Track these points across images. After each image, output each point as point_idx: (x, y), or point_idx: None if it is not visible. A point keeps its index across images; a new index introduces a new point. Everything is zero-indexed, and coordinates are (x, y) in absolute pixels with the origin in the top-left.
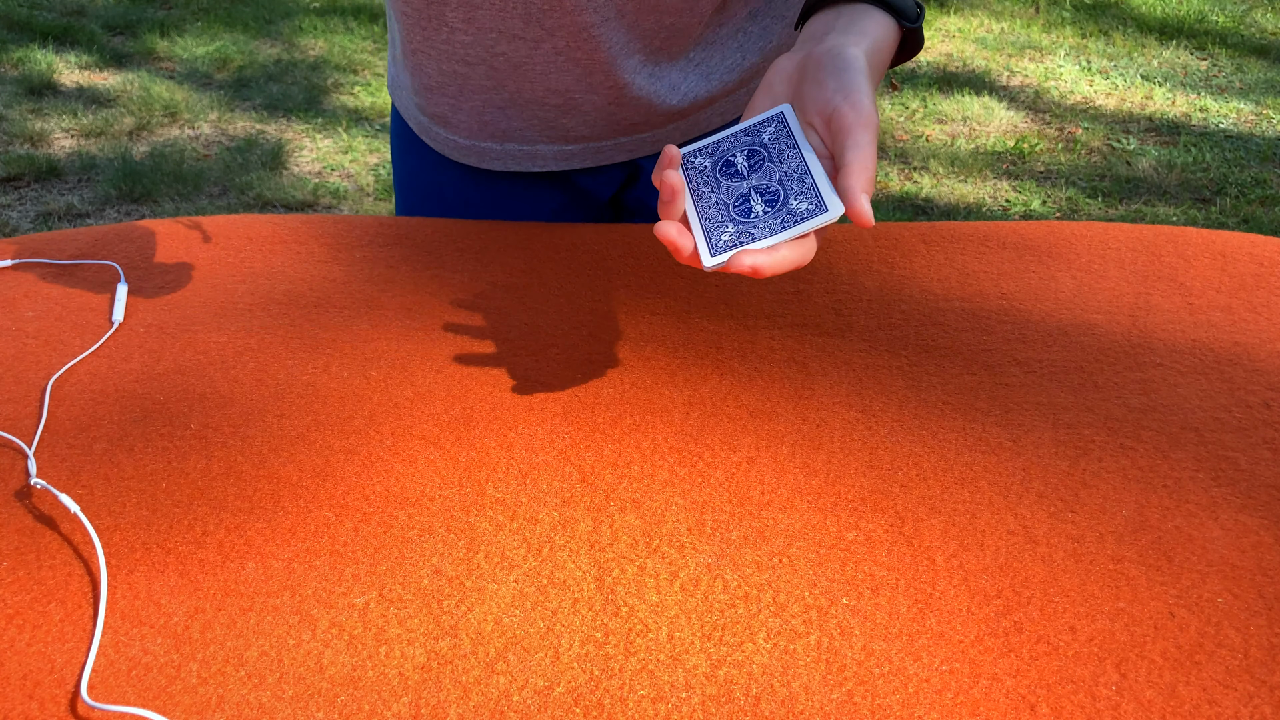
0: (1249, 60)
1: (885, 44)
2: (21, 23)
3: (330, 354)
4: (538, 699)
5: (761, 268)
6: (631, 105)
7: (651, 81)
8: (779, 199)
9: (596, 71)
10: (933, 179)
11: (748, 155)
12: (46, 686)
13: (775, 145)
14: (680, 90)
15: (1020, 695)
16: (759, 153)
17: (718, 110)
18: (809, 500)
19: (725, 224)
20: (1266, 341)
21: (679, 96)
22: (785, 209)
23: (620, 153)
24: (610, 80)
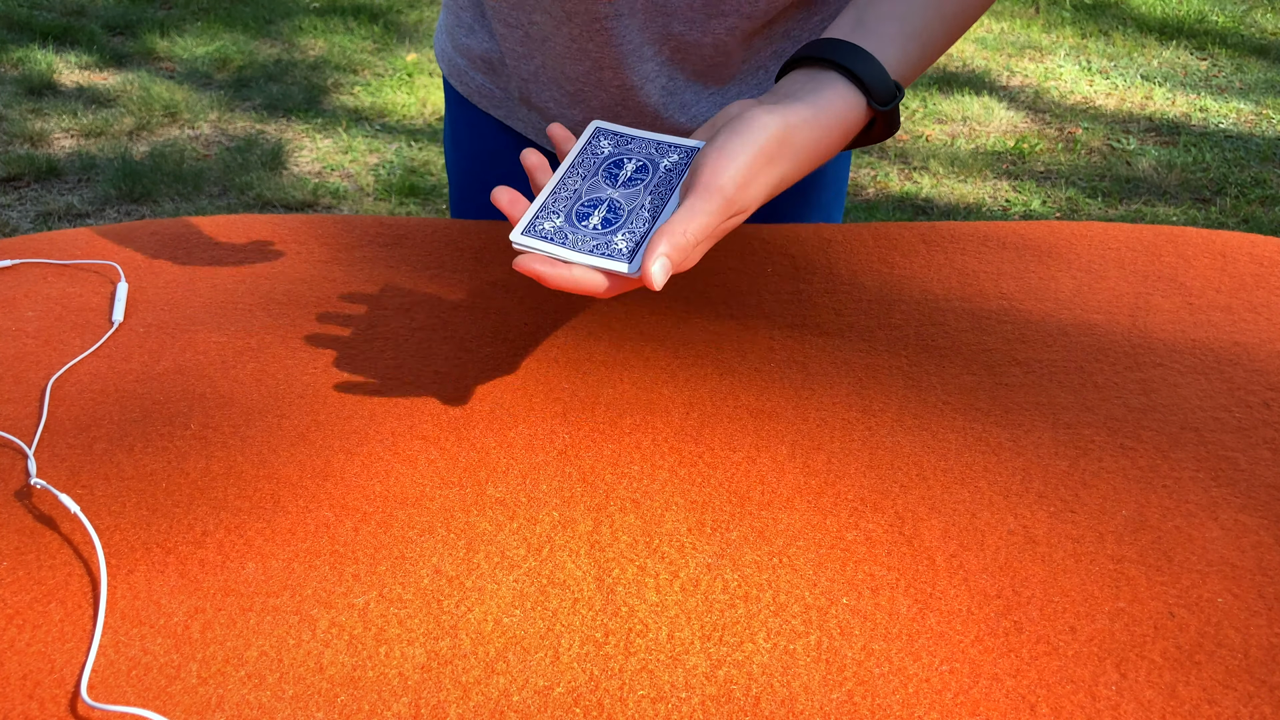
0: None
1: (838, 119)
2: (21, 23)
3: (330, 354)
4: (538, 699)
5: (544, 277)
6: (637, 111)
7: (663, 95)
8: (615, 223)
9: (606, 68)
10: (933, 179)
11: (638, 168)
12: (46, 686)
13: (665, 174)
14: (690, 111)
15: (1020, 695)
16: (647, 171)
17: None
18: (809, 500)
19: (559, 214)
20: (1266, 341)
21: (688, 117)
22: (608, 237)
23: None
24: (619, 79)
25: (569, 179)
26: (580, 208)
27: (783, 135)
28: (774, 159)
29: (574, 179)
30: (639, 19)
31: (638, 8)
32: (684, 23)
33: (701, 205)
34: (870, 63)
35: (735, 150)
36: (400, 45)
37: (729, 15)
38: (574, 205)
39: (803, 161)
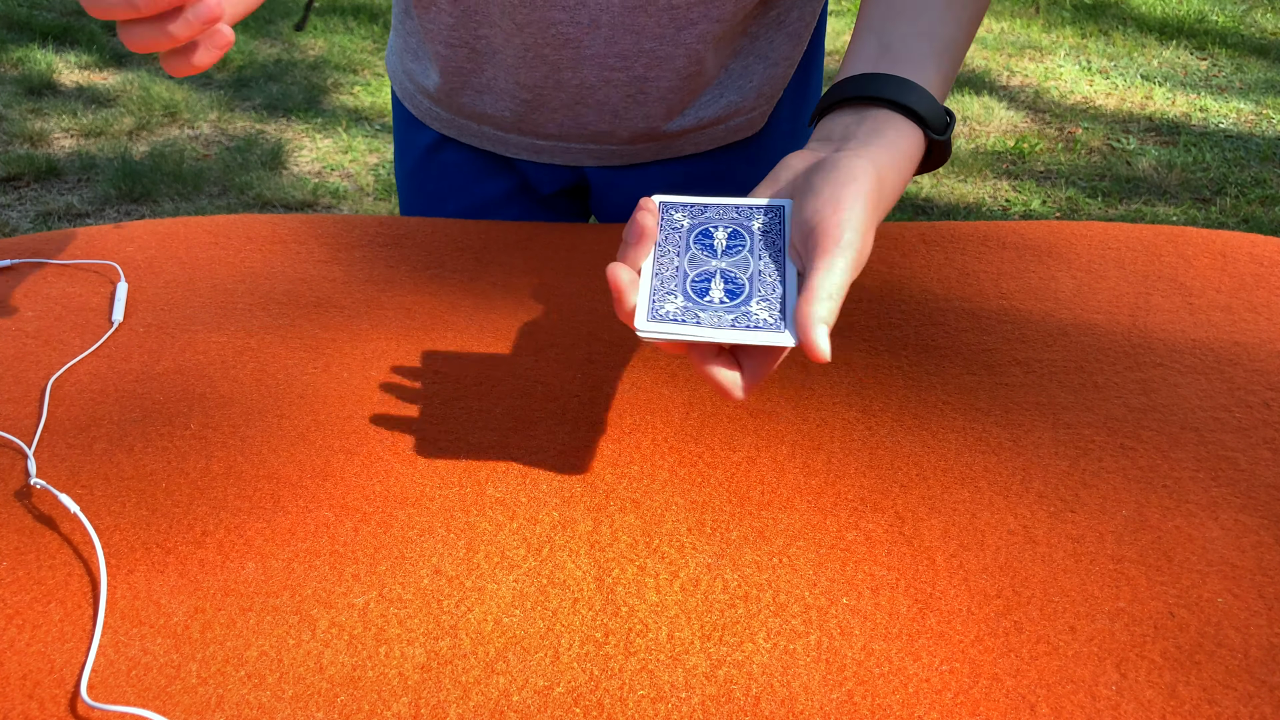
0: (1249, 60)
1: (908, 157)
2: (21, 23)
3: (330, 354)
4: (538, 699)
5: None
6: (598, 109)
7: (627, 102)
8: (741, 294)
9: (565, 69)
10: (933, 179)
11: (730, 234)
12: (46, 686)
13: (763, 237)
14: (653, 119)
15: (1020, 695)
16: (741, 237)
17: (691, 140)
18: (809, 500)
19: (676, 294)
20: (1266, 341)
21: (649, 124)
22: (743, 308)
23: (587, 157)
24: (579, 78)
25: (664, 259)
26: (694, 284)
27: (879, 179)
28: (878, 205)
29: (669, 258)
30: (603, 33)
31: (601, 23)
32: (654, 39)
33: (838, 263)
34: (919, 93)
35: (848, 200)
36: None
37: (698, 23)
38: (685, 282)
39: (890, 204)
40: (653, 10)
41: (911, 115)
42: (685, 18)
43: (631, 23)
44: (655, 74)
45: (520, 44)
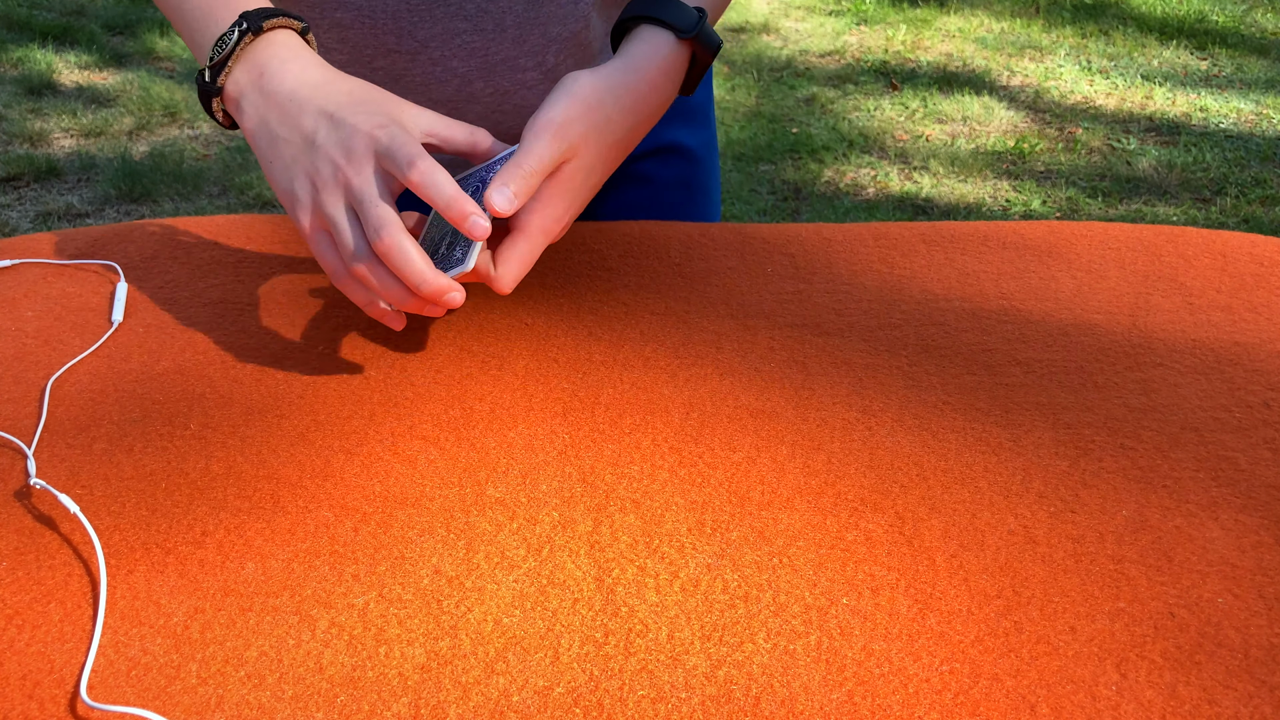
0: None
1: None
2: (21, 23)
3: (330, 354)
4: (538, 699)
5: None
6: (515, 114)
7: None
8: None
9: (475, 80)
10: (933, 179)
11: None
12: (46, 686)
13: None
14: None
15: (1020, 695)
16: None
17: None
18: (809, 500)
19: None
20: (1266, 341)
21: None
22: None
23: None
24: (492, 86)
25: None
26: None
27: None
28: (590, 103)
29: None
30: (510, 34)
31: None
32: (559, 23)
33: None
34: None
35: (549, 101)
36: None
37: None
38: (435, 250)
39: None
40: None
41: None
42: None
43: (536, 16)
44: (564, 58)
45: (425, 60)
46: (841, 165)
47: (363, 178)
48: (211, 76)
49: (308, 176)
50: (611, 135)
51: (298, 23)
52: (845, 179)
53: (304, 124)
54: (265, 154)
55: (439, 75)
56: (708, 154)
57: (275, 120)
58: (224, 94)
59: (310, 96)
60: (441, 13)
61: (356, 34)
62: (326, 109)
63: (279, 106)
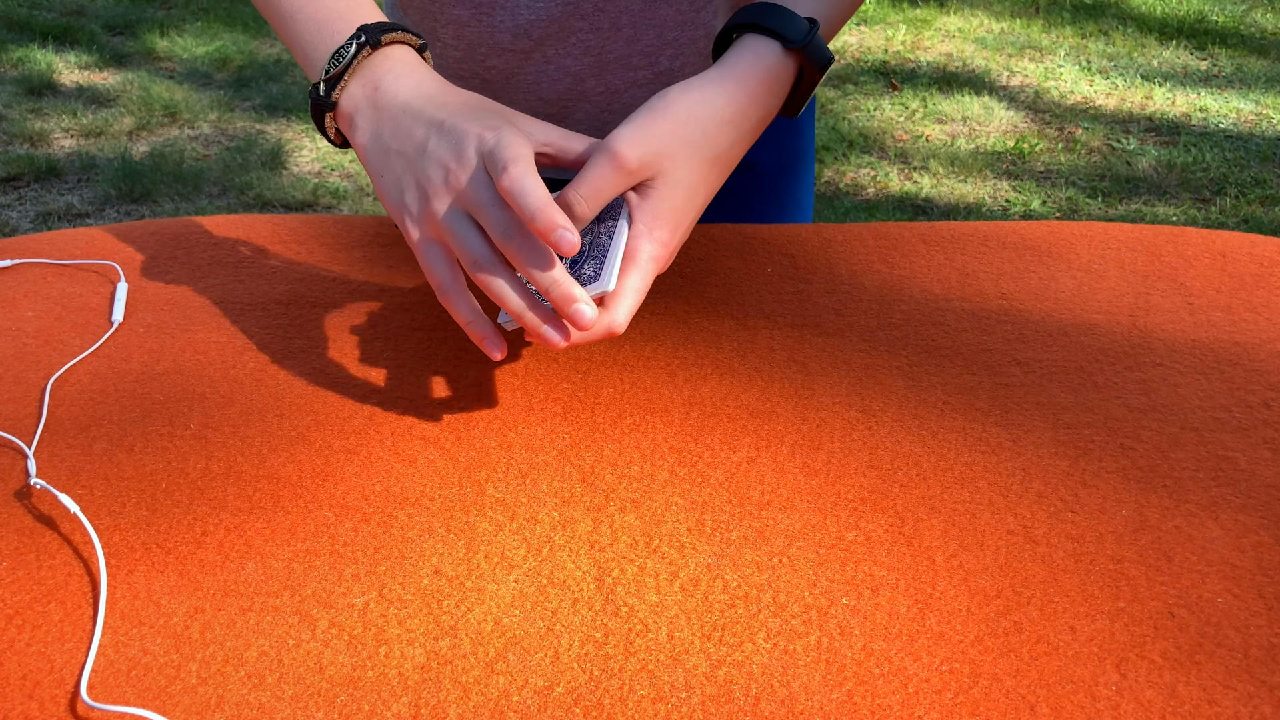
0: (1249, 60)
1: (753, 72)
2: (21, 23)
3: (330, 354)
4: (538, 699)
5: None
6: (624, 114)
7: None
8: (581, 259)
9: (587, 78)
10: (933, 179)
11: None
12: (46, 686)
13: (610, 206)
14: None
15: (1020, 695)
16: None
17: None
18: (809, 500)
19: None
20: (1266, 341)
21: None
22: (578, 272)
23: None
24: (603, 84)
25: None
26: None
27: (687, 94)
28: (680, 117)
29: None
30: (624, 34)
31: (622, 24)
32: (675, 28)
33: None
34: (777, 13)
35: (632, 117)
36: None
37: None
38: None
39: (727, 117)
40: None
41: (764, 32)
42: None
43: (653, 17)
44: (680, 64)
45: (539, 58)
46: (841, 165)
47: (477, 180)
48: (326, 91)
49: (418, 185)
50: (710, 150)
51: (415, 38)
52: (845, 179)
53: (416, 134)
54: (376, 168)
55: (551, 73)
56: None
57: (388, 133)
58: (338, 109)
59: (423, 107)
60: (559, 10)
61: (473, 31)
62: (438, 117)
63: (392, 119)
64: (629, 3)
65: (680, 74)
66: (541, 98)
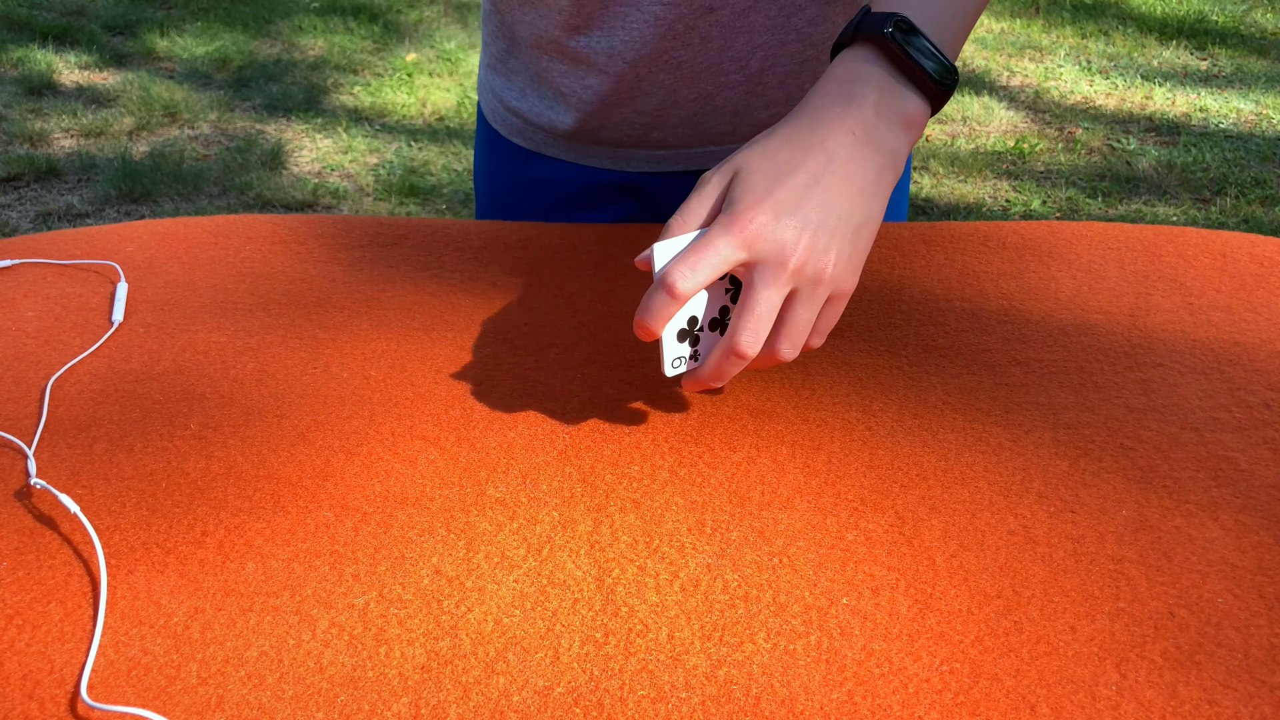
0: (1249, 60)
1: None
2: (21, 23)
3: (330, 354)
4: (538, 699)
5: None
6: (716, 115)
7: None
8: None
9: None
10: (933, 179)
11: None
12: (46, 686)
13: None
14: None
15: (1020, 695)
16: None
17: None
18: (809, 500)
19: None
20: (1266, 341)
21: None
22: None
23: (709, 160)
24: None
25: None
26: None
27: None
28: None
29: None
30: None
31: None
32: (765, 32)
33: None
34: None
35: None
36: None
37: (806, 8)
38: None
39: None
40: (762, 5)
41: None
42: (793, 4)
43: (743, 24)
44: (770, 63)
45: (632, 77)
46: None
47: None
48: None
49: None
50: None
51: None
52: None
53: None
54: None
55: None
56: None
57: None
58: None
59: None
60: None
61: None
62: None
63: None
64: (719, 16)
65: (771, 74)
66: (636, 109)
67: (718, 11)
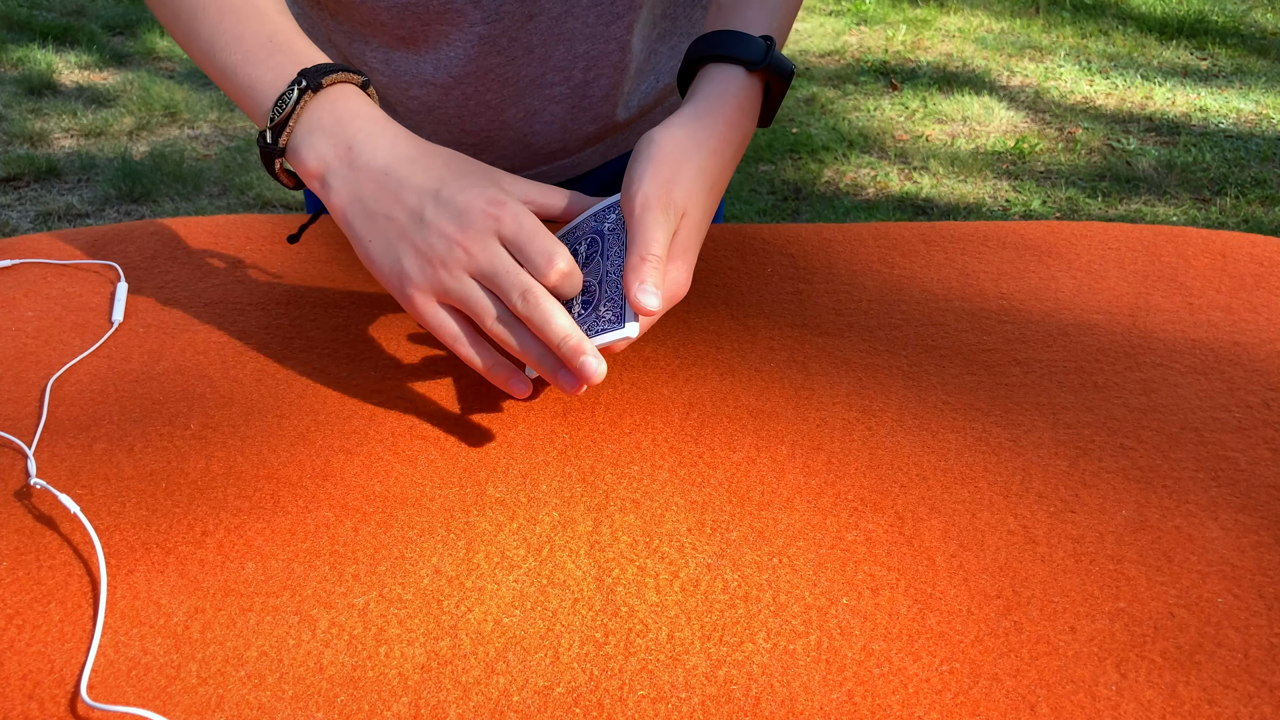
0: (1249, 60)
1: (726, 100)
2: (21, 23)
3: (330, 354)
4: (538, 699)
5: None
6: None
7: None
8: (593, 300)
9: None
10: (933, 179)
11: (589, 244)
12: (46, 686)
13: (612, 235)
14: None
15: (1020, 695)
16: (596, 243)
17: (635, 131)
18: (809, 500)
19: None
20: (1266, 341)
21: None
22: (595, 313)
23: (544, 180)
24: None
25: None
26: (573, 308)
27: (674, 136)
28: (678, 159)
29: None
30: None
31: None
32: (585, 40)
33: (645, 223)
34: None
35: (641, 169)
36: None
37: (624, 15)
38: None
39: (716, 149)
40: (578, 11)
41: (726, 60)
42: (611, 11)
43: (561, 30)
44: (593, 74)
45: (459, 95)
46: (841, 165)
47: (489, 251)
48: (273, 138)
49: (419, 253)
50: (707, 181)
51: (356, 75)
52: (845, 179)
53: (407, 200)
54: (360, 232)
55: (472, 108)
56: None
57: (370, 197)
58: (305, 168)
59: (409, 173)
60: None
61: (399, 61)
62: (430, 186)
63: (374, 182)
64: (537, 24)
65: (595, 85)
66: (464, 129)
67: (536, 19)
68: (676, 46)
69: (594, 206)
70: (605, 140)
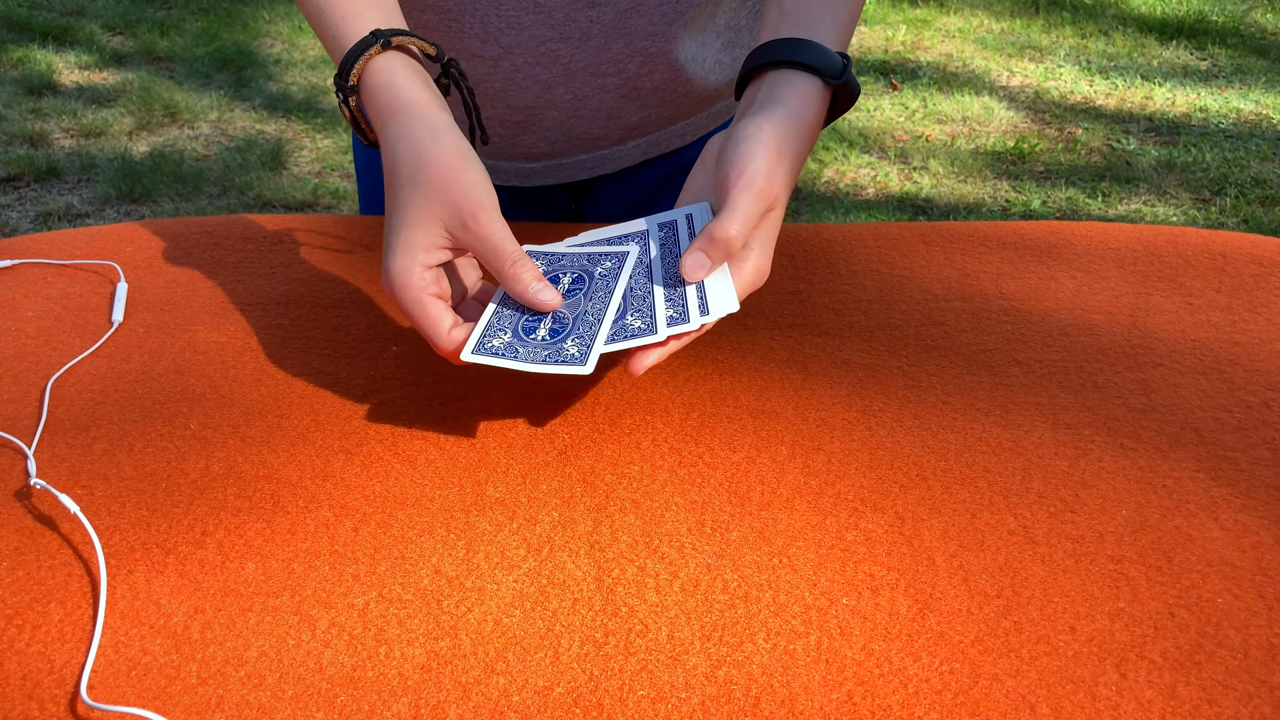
0: (1249, 60)
1: (808, 107)
2: (21, 23)
3: (330, 354)
4: (538, 699)
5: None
6: (590, 119)
7: (621, 104)
8: (562, 332)
9: (556, 86)
10: (933, 179)
11: (574, 279)
12: (46, 686)
13: (600, 280)
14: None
15: (1020, 695)
16: (582, 281)
17: (678, 131)
18: (809, 500)
19: (505, 331)
20: (1266, 341)
21: (643, 118)
22: (558, 345)
23: (581, 171)
24: (571, 93)
25: (509, 298)
26: (526, 322)
27: (776, 131)
28: (781, 153)
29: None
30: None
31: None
32: (645, 38)
33: (738, 201)
34: (811, 48)
35: (750, 150)
36: None
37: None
38: (519, 321)
39: (801, 151)
40: (645, 10)
41: (807, 69)
42: (674, 10)
43: (624, 26)
44: (646, 69)
45: (508, 66)
46: (841, 165)
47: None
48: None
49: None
50: (792, 181)
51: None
52: (845, 179)
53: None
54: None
55: (520, 81)
56: None
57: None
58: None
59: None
60: (530, 20)
61: (441, 36)
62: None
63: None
64: (600, 13)
65: (646, 80)
66: (509, 104)
67: (599, 8)
68: (738, 56)
69: (590, 242)
70: (647, 136)
